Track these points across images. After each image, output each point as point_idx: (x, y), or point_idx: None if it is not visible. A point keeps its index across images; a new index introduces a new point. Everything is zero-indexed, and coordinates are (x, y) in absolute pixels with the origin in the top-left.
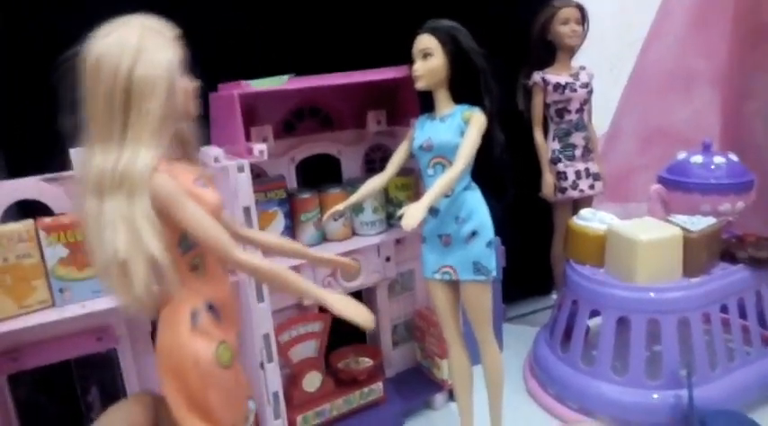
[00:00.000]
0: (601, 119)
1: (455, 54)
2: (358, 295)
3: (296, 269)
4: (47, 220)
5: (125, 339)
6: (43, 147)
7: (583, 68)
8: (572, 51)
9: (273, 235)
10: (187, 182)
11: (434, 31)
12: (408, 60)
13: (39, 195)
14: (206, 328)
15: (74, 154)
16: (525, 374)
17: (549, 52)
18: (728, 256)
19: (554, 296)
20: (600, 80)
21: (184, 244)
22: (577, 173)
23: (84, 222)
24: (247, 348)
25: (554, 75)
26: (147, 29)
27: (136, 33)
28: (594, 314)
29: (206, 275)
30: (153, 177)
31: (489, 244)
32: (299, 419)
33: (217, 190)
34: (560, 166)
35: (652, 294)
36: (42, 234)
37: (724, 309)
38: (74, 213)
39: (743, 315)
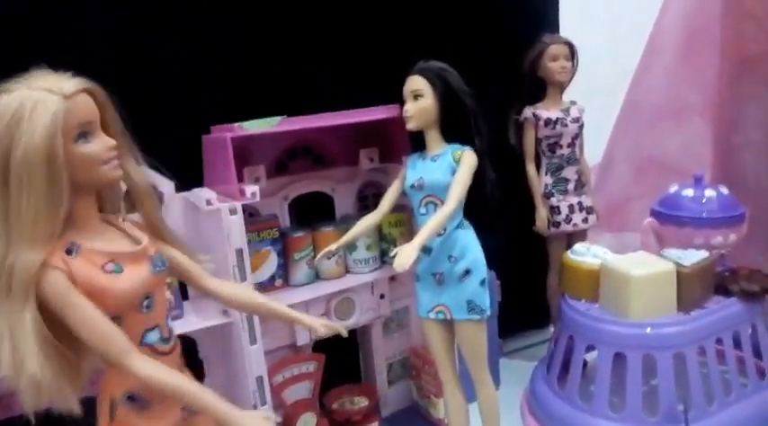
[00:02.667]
0: (594, 148)
1: (445, 95)
2: (352, 333)
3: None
4: None
5: None
6: None
7: (573, 103)
8: (562, 87)
9: (244, 289)
10: (91, 272)
11: (424, 73)
12: (399, 97)
13: None
14: (123, 420)
15: None
16: (523, 410)
17: (539, 88)
18: (722, 290)
19: (551, 329)
20: (592, 110)
21: None
22: (570, 207)
23: None
24: (240, 391)
25: (545, 111)
26: (25, 98)
27: (12, 107)
28: (592, 347)
29: None
30: (42, 277)
31: (483, 282)
32: None
33: (142, 264)
34: (553, 200)
35: (647, 329)
36: None
37: (719, 342)
38: None
39: (738, 347)
